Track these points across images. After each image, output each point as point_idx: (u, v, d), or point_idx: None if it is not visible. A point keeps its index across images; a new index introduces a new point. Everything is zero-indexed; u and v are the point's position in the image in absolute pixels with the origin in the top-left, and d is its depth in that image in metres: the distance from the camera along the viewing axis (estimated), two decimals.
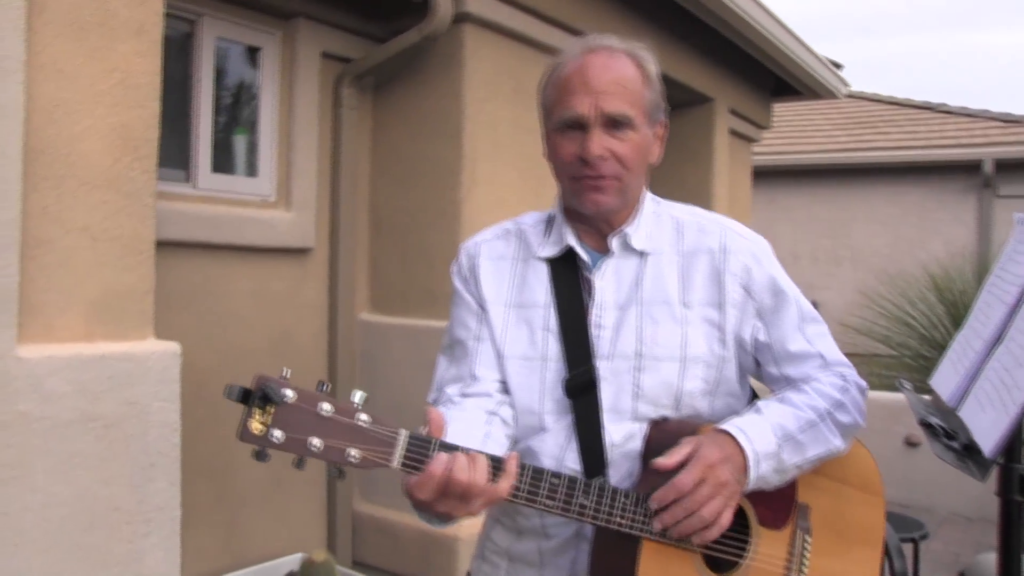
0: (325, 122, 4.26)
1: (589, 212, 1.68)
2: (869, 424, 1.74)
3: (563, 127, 1.65)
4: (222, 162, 3.93)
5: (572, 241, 1.73)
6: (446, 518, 1.47)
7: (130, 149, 2.66)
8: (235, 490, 3.90)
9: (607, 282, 1.71)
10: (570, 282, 1.72)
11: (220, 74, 3.91)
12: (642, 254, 1.72)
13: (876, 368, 9.58)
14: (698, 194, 6.84)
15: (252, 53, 4.04)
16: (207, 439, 3.70)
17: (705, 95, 6.69)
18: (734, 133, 7.52)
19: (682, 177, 6.93)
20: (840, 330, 11.84)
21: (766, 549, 1.65)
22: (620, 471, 1.66)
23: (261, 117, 4.05)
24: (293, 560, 3.95)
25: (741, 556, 1.64)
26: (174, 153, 3.73)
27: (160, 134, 2.75)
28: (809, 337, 1.72)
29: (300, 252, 4.18)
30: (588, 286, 1.72)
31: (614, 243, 1.71)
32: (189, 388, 2.93)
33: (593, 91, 1.61)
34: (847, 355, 1.76)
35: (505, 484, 1.41)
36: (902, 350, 9.05)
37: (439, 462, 1.36)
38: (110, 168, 2.62)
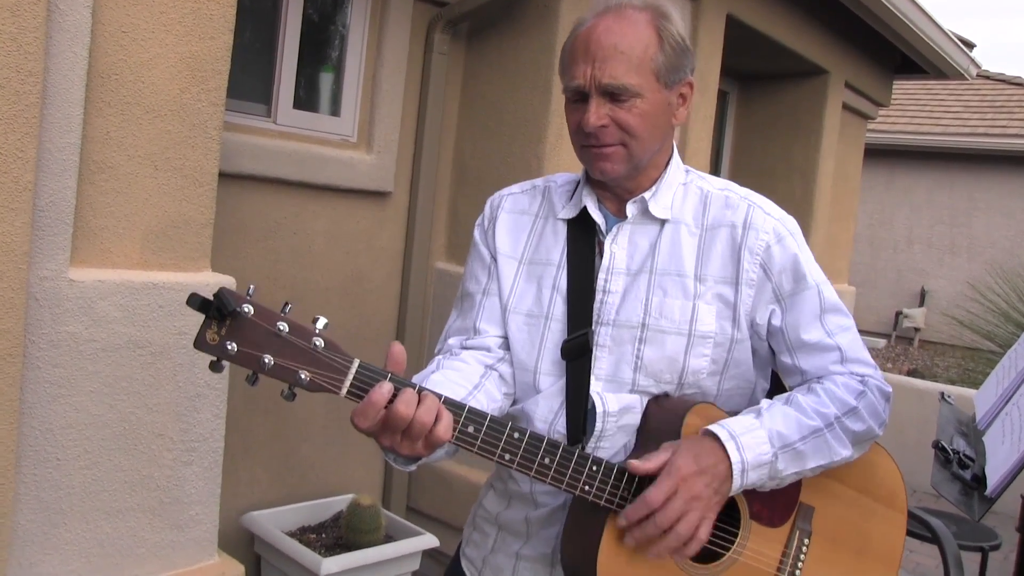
0: (414, 66, 4.20)
1: (599, 179, 1.64)
2: None
3: (568, 96, 1.61)
4: (304, 99, 3.91)
5: (589, 203, 1.68)
6: (404, 456, 1.45)
7: (198, 80, 2.66)
8: (296, 427, 3.94)
9: (620, 247, 1.65)
10: (584, 244, 1.68)
11: (309, 10, 3.88)
12: (661, 222, 1.65)
13: (979, 364, 9.18)
14: (803, 169, 6.58)
15: None
16: None
17: (820, 67, 6.39)
18: (849, 108, 7.20)
19: (788, 150, 6.69)
20: (943, 320, 11.47)
21: (756, 545, 1.57)
22: (615, 444, 1.61)
23: (348, 56, 4.01)
24: (343, 500, 3.99)
25: (726, 548, 1.56)
26: (256, 87, 3.72)
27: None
28: (829, 328, 1.62)
29: (378, 195, 4.15)
30: (601, 249, 1.67)
31: (631, 209, 1.66)
32: None
33: (591, 59, 1.55)
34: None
35: (442, 427, 1.37)
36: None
37: (380, 390, 1.35)
38: (176, 98, 2.62)
